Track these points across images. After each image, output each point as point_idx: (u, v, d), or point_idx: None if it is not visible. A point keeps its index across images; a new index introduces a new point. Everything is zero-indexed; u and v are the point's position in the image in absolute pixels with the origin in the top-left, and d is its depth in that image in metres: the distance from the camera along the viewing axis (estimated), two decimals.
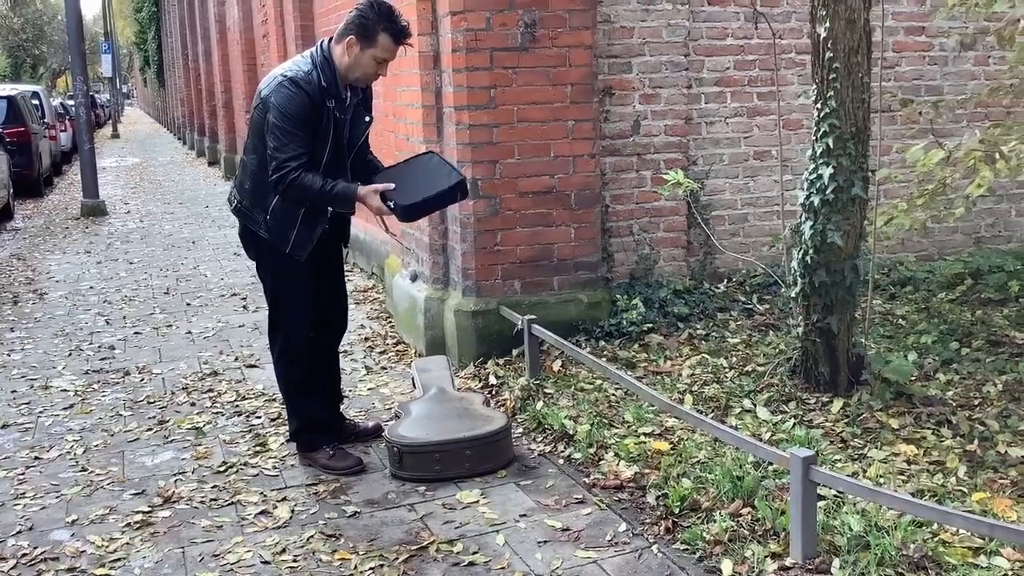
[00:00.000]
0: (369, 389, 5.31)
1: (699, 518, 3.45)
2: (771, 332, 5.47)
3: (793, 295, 4.26)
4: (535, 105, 5.36)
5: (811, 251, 4.00)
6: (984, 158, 3.81)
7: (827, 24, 3.76)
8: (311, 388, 4.28)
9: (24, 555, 3.56)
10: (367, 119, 4.11)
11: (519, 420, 4.63)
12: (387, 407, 5.03)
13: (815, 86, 3.92)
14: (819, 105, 3.87)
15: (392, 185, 3.96)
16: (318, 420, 4.30)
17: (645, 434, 4.23)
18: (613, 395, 4.76)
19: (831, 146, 3.84)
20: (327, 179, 3.89)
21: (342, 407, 4.62)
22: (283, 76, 3.89)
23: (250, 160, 4.05)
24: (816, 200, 3.92)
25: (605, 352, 5.29)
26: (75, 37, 13.24)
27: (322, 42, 4.01)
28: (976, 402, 4.36)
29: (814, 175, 3.92)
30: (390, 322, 6.63)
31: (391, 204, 3.92)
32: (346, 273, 8.60)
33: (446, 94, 5.43)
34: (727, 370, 4.91)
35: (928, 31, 6.49)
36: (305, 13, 9.68)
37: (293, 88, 3.83)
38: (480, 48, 5.23)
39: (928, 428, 4.09)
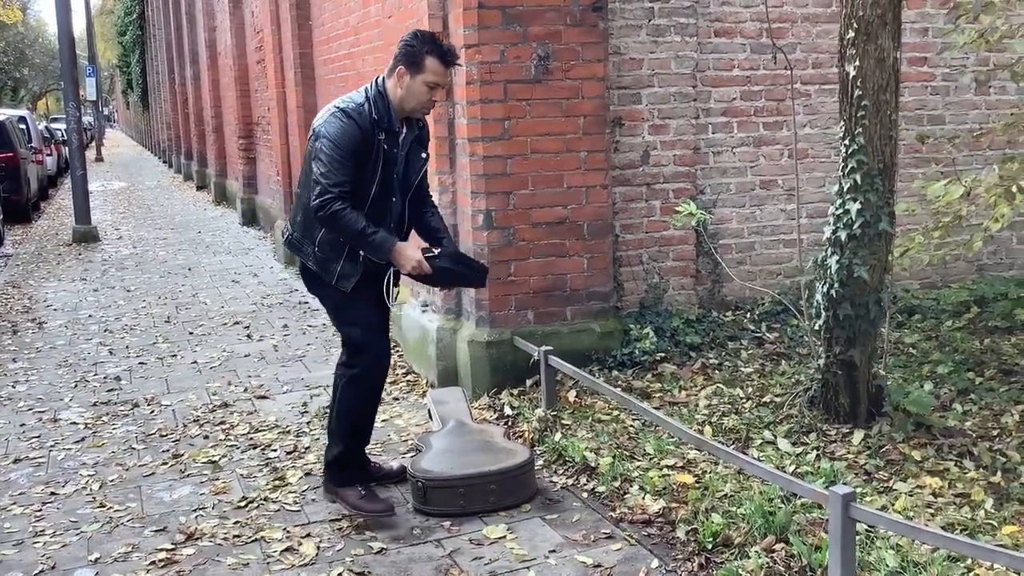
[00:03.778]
0: (383, 420, 5.27)
1: (732, 554, 3.45)
2: (783, 361, 5.50)
3: (816, 328, 4.28)
4: (548, 136, 5.39)
5: (836, 285, 4.03)
6: (1004, 194, 3.85)
7: (856, 63, 3.81)
8: (367, 424, 4.24)
9: None
10: (424, 155, 4.09)
11: (538, 452, 4.62)
12: (403, 439, 5.02)
13: (842, 123, 3.96)
14: (847, 141, 3.92)
15: (436, 251, 4.04)
16: (359, 456, 4.24)
17: (668, 466, 4.24)
18: (631, 426, 4.76)
19: (858, 182, 3.88)
20: (370, 223, 3.84)
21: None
22: (336, 107, 3.90)
23: (303, 194, 4.01)
24: (843, 235, 3.96)
25: (619, 382, 5.29)
26: (67, 63, 13.19)
27: (377, 78, 4.00)
28: (995, 433, 4.39)
29: (841, 210, 3.96)
30: (397, 351, 6.60)
31: (434, 260, 3.97)
32: None
33: (459, 125, 5.45)
34: (744, 401, 4.92)
35: (930, 61, 6.56)
36: (304, 41, 9.68)
37: (344, 119, 3.83)
38: (494, 80, 5.25)
39: (950, 460, 4.11)
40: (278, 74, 10.49)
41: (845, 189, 3.94)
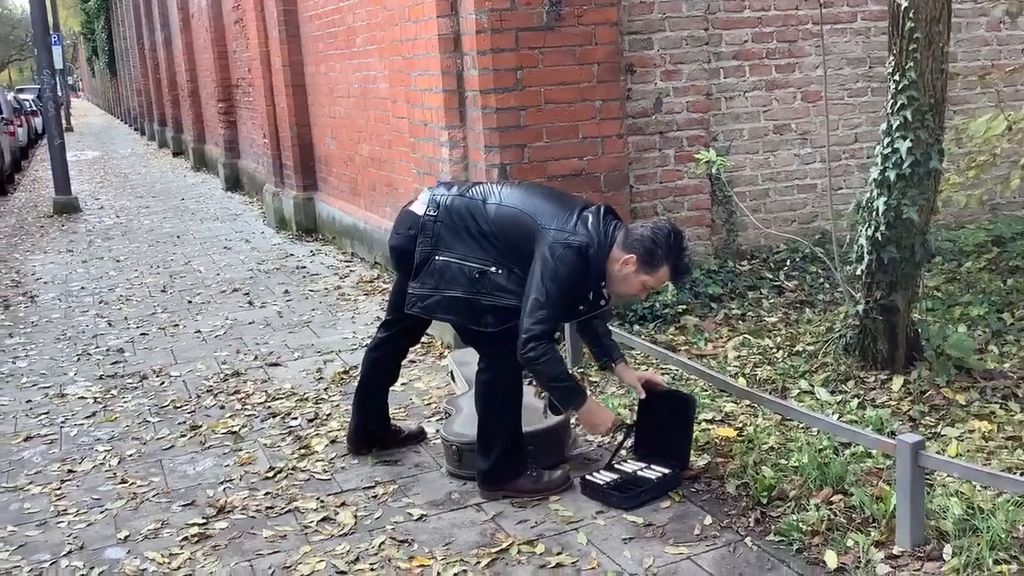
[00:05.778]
0: (403, 384, 5.13)
1: (788, 507, 3.36)
2: (807, 309, 5.40)
3: (857, 272, 4.17)
4: (562, 86, 5.22)
5: (882, 227, 3.90)
6: None
7: None
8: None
9: None
10: (602, 303, 3.75)
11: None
12: (426, 402, 4.89)
13: (892, 57, 3.80)
14: (896, 77, 3.76)
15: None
16: (518, 446, 3.84)
17: (707, 420, 4.14)
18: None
19: (909, 119, 3.74)
20: (566, 367, 3.66)
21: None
22: (581, 245, 3.50)
23: (473, 266, 3.63)
24: (892, 175, 3.82)
25: (641, 336, 5.17)
26: (40, 30, 12.82)
27: (610, 224, 3.60)
28: None
29: (889, 149, 3.81)
30: None
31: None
32: (347, 263, 8.40)
33: (469, 77, 5.27)
34: (775, 350, 4.82)
35: None
36: None
37: (580, 261, 3.50)
38: (505, 29, 5.07)
39: (995, 403, 4.04)
40: (260, 33, 10.19)
41: (894, 127, 3.79)
